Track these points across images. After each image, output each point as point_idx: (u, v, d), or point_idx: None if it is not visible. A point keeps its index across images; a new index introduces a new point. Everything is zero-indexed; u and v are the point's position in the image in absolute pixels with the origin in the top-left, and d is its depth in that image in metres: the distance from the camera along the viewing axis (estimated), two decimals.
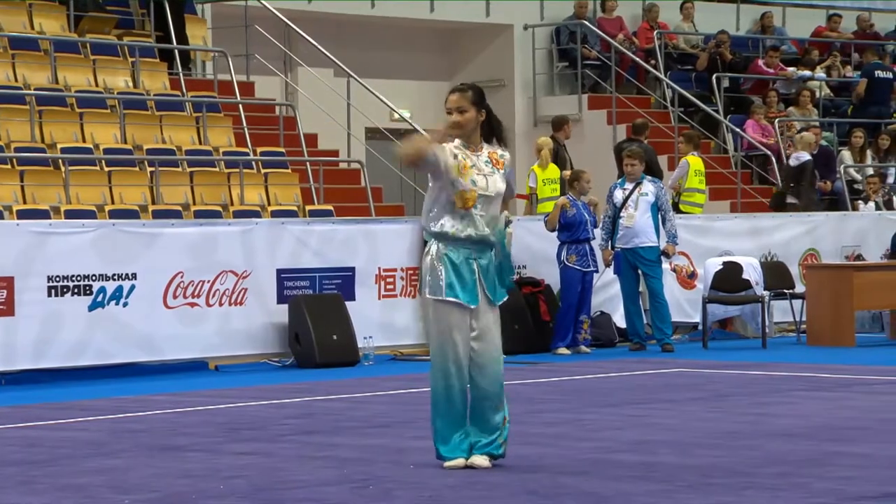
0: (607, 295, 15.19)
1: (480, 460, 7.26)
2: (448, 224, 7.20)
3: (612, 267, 14.54)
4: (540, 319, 14.52)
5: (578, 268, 14.06)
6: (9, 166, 14.19)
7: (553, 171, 16.76)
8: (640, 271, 14.45)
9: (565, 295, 14.21)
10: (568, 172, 15.64)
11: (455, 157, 7.17)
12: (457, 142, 7.21)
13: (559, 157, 17.23)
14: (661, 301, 14.50)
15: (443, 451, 7.34)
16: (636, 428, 8.97)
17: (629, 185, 14.46)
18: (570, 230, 14.12)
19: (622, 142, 18.53)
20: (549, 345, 14.27)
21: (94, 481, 7.07)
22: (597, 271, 14.36)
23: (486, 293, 7.27)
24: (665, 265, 14.89)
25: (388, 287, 14.19)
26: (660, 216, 14.40)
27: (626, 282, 14.49)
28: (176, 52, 17.16)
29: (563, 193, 15.64)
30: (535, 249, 14.81)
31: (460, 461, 7.28)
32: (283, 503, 6.56)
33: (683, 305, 15.66)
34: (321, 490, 6.85)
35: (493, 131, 7.35)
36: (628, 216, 14.32)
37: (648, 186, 14.43)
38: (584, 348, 14.21)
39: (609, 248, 14.38)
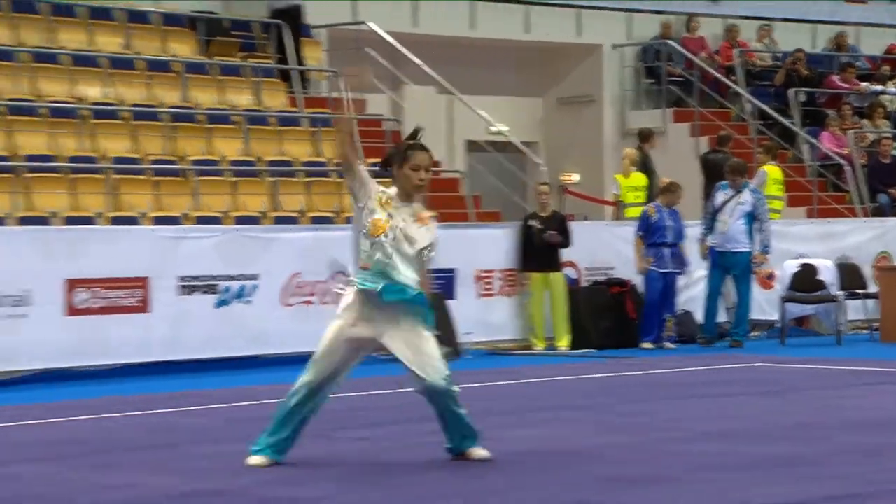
0: (691, 294, 15.05)
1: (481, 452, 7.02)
2: (364, 251, 6.90)
3: (708, 259, 14.46)
4: (627, 317, 14.43)
5: (655, 269, 13.99)
6: (144, 177, 14.39)
7: (637, 179, 16.64)
8: (730, 273, 14.36)
9: (647, 293, 14.12)
10: (666, 180, 15.48)
11: (382, 198, 6.90)
12: (393, 191, 6.95)
13: (646, 168, 17.12)
14: (745, 304, 14.40)
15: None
16: (714, 419, 8.84)
17: (731, 192, 14.33)
18: (650, 234, 14.04)
19: (707, 152, 18.47)
20: (635, 340, 14.18)
21: (214, 465, 7.11)
22: (680, 272, 14.24)
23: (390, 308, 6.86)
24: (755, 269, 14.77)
25: (486, 287, 14.17)
26: (755, 225, 14.27)
27: (713, 280, 14.42)
28: (294, 72, 17.28)
29: (649, 201, 15.55)
30: (622, 253, 14.73)
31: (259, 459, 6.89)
32: (381, 487, 6.52)
33: (763, 305, 15.45)
34: (411, 474, 6.82)
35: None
36: (723, 221, 14.26)
37: (747, 196, 14.34)
38: (668, 345, 14.11)
39: (706, 242, 14.27)
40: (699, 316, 14.81)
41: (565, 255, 14.28)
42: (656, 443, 7.81)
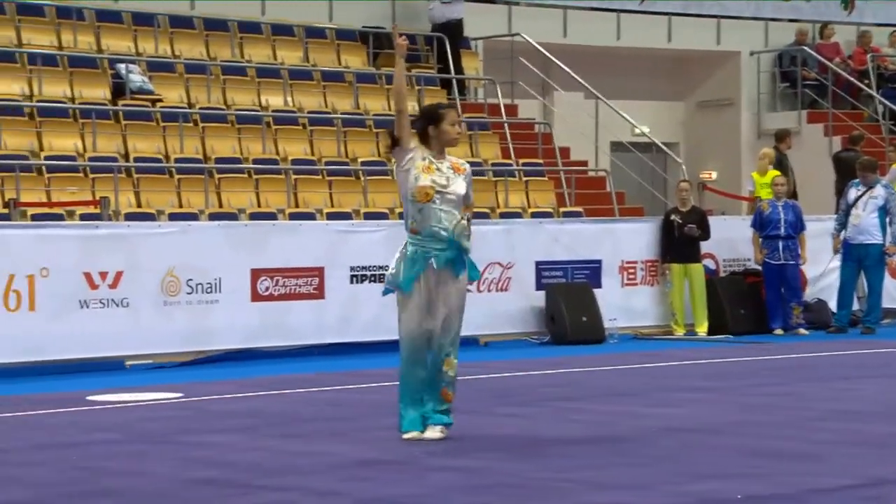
0: (824, 284, 14.83)
1: (433, 433, 6.91)
2: (412, 216, 6.98)
3: (838, 254, 14.24)
4: (762, 305, 14.29)
5: (769, 260, 13.94)
6: (319, 177, 14.70)
7: (772, 176, 16.40)
8: (862, 264, 14.13)
9: (765, 283, 14.08)
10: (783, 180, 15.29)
11: (423, 159, 6.95)
12: (426, 151, 7.00)
13: (782, 165, 16.86)
14: (876, 293, 14.14)
15: (404, 426, 6.99)
16: (847, 400, 8.73)
17: (863, 188, 14.12)
18: (764, 227, 13.99)
19: (840, 151, 18.16)
20: (769, 327, 14.07)
21: (390, 436, 7.14)
22: (795, 263, 14.07)
23: (445, 272, 6.94)
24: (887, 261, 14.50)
25: (630, 276, 14.16)
26: (887, 218, 14.02)
27: (846, 271, 14.20)
28: (454, 80, 17.47)
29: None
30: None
31: (415, 434, 6.95)
32: (536, 458, 6.61)
33: (893, 293, 15.12)
34: (572, 447, 6.90)
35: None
36: (855, 215, 14.03)
37: (880, 191, 14.11)
38: (801, 331, 13.95)
39: (839, 236, 14.10)
40: (833, 304, 14.58)
41: (704, 247, 14.19)
42: (793, 421, 7.75)
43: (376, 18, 18.04)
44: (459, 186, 6.99)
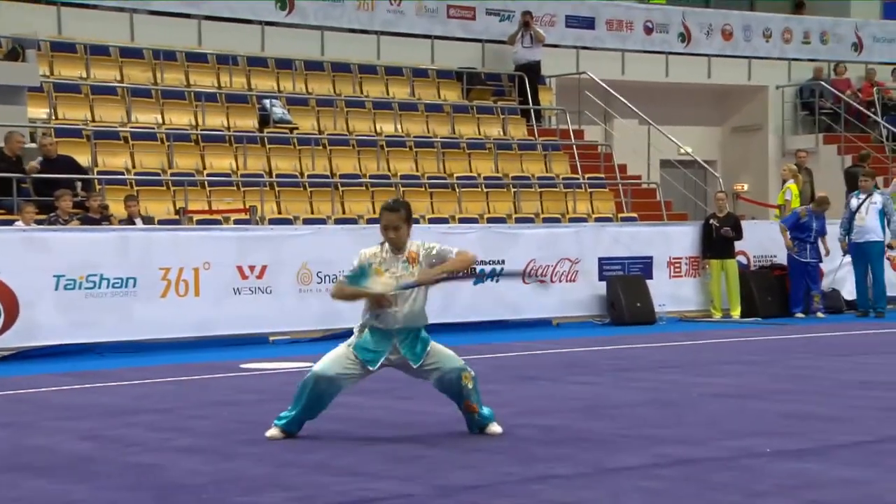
0: (837, 276, 14.48)
1: (495, 428, 5.91)
2: (366, 319, 5.85)
3: (848, 254, 13.90)
4: (786, 293, 13.99)
5: (798, 258, 13.66)
6: (423, 189, 14.69)
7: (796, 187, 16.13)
8: (868, 259, 13.76)
9: (790, 275, 13.79)
10: (822, 194, 14.90)
11: (378, 261, 5.79)
12: (386, 247, 5.82)
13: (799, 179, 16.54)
14: (880, 283, 13.75)
15: (280, 423, 5.85)
16: (861, 371, 8.49)
17: (863, 196, 13.79)
18: (797, 230, 13.69)
19: (850, 167, 17.76)
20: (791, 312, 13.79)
21: (493, 401, 7.21)
22: (818, 261, 13.76)
23: (407, 357, 5.83)
24: (887, 255, 14.13)
25: (676, 270, 13.93)
26: (885, 219, 13.69)
27: (857, 266, 13.84)
28: (531, 111, 17.37)
29: (803, 204, 15.04)
30: (782, 245, 14.23)
31: (277, 433, 5.82)
32: (600, 418, 6.53)
33: None
34: (631, 409, 6.81)
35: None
36: (860, 218, 13.71)
37: (878, 197, 13.81)
38: (820, 314, 13.67)
39: (846, 240, 13.77)
40: (844, 293, 14.28)
41: (738, 246, 13.93)
42: (818, 388, 7.55)
43: (470, 60, 18.03)
44: (402, 278, 5.77)
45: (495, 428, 5.92)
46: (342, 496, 4.56)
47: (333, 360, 5.82)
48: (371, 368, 5.81)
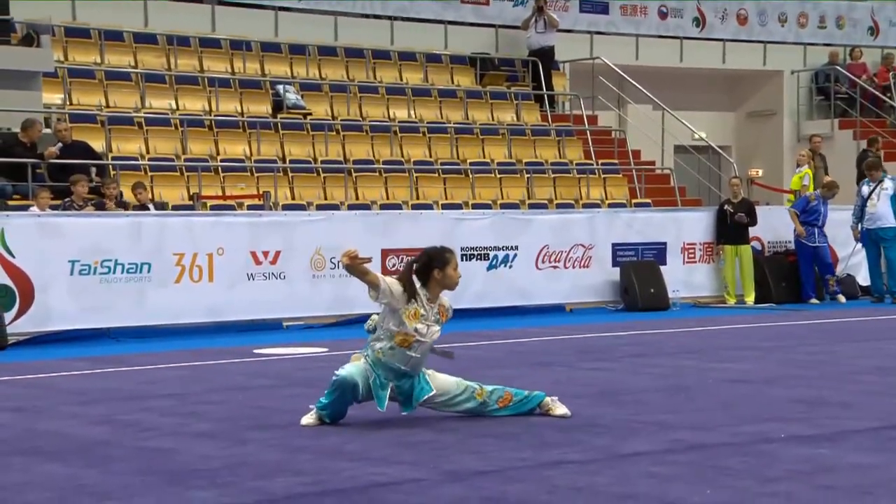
0: (852, 262, 14.40)
1: (559, 408, 5.97)
2: (382, 347, 5.75)
3: (860, 240, 13.84)
4: (800, 279, 13.91)
5: (806, 242, 13.60)
6: (436, 175, 14.67)
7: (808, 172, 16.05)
8: (881, 245, 13.68)
9: (799, 260, 13.74)
10: (828, 179, 14.84)
11: (411, 303, 5.71)
12: (422, 292, 5.75)
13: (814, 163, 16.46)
14: (894, 267, 13.64)
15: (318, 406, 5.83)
16: (874, 357, 8.43)
17: (874, 183, 13.69)
18: (806, 214, 13.61)
19: (863, 151, 17.62)
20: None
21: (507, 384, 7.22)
22: (826, 245, 13.70)
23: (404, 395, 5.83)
24: None
25: (690, 256, 13.88)
26: None
27: (870, 252, 13.80)
28: (545, 96, 17.30)
29: (815, 189, 14.96)
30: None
31: (313, 420, 5.81)
32: (614, 403, 6.51)
33: None
34: (644, 395, 6.78)
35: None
36: (871, 204, 13.64)
37: (888, 183, 13.76)
38: (840, 298, 13.65)
39: (857, 227, 13.66)
40: (860, 279, 14.20)
41: (752, 231, 13.87)
42: (831, 374, 7.50)
43: (482, 46, 17.96)
44: (436, 334, 5.77)
45: (559, 405, 5.93)
46: (353, 481, 4.55)
47: (359, 372, 5.76)
48: (379, 409, 5.78)
